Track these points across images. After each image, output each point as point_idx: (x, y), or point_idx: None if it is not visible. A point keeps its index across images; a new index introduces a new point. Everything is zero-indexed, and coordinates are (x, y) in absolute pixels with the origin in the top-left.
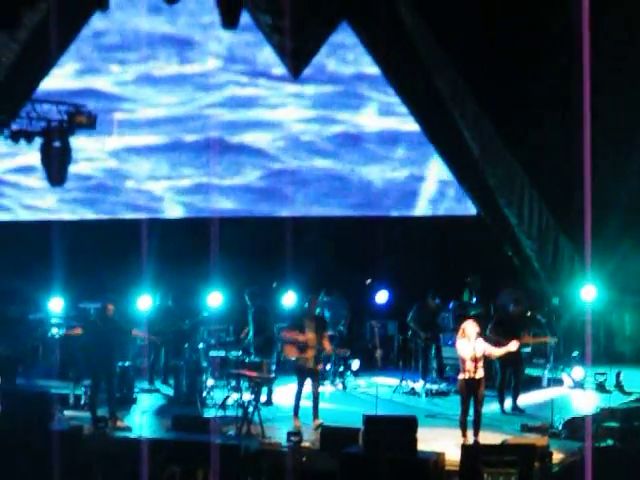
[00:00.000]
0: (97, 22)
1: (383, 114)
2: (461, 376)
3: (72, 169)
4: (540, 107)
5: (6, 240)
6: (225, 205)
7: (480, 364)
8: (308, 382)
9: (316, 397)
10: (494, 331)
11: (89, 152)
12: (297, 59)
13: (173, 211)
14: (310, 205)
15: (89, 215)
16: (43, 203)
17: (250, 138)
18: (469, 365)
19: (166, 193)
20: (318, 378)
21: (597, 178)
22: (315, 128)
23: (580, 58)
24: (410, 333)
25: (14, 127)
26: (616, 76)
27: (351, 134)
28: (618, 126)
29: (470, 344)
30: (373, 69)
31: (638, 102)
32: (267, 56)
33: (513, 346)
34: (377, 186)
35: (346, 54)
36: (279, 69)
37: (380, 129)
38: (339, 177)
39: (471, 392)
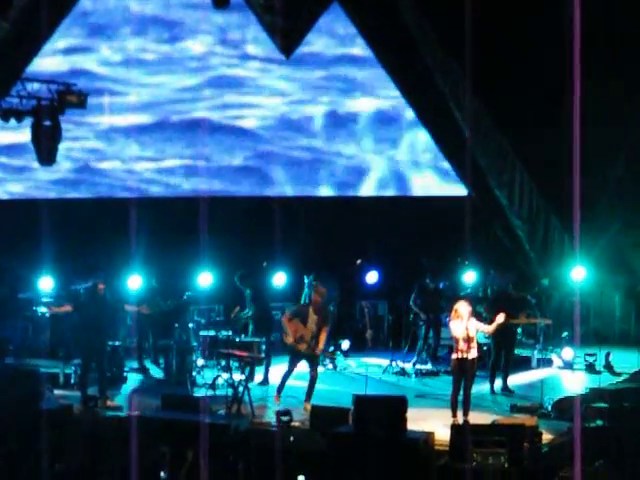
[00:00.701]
0: (86, 1)
1: (370, 96)
2: (454, 356)
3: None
4: (531, 88)
5: None
6: (214, 185)
7: (473, 344)
8: (301, 364)
9: (313, 380)
10: (489, 310)
11: (76, 132)
12: (288, 39)
13: (161, 191)
14: (299, 185)
15: (77, 195)
16: (31, 182)
17: (237, 119)
18: (462, 345)
19: (154, 174)
20: (316, 362)
21: (587, 160)
22: (302, 109)
23: (570, 40)
24: (412, 316)
25: (4, 106)
26: (606, 58)
27: (338, 115)
28: (608, 108)
29: (463, 324)
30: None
31: (629, 84)
32: (256, 37)
33: (500, 318)
34: (364, 167)
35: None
36: (268, 50)
37: (367, 110)
38: (327, 158)
39: (463, 372)
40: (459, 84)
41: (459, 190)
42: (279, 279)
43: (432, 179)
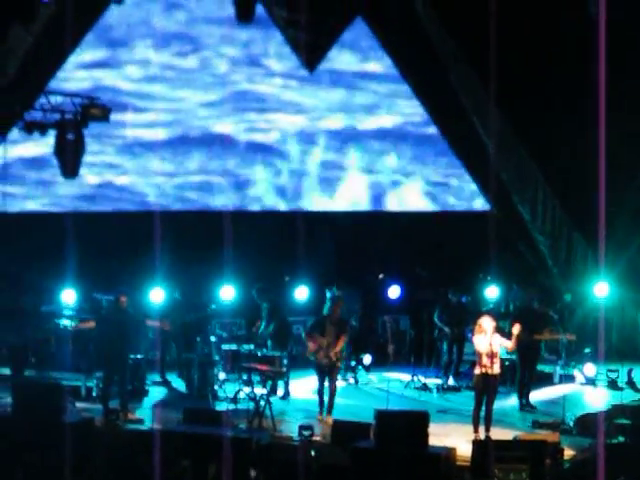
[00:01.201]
0: (110, 16)
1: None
2: (477, 371)
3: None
4: (555, 104)
5: (19, 231)
6: (235, 200)
7: (496, 359)
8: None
9: (332, 393)
10: (513, 326)
11: (98, 146)
12: (312, 53)
13: (183, 205)
14: (321, 199)
15: (99, 208)
16: (55, 195)
17: (258, 134)
18: (485, 360)
19: (175, 188)
20: (335, 374)
21: (611, 176)
22: (328, 125)
23: (596, 55)
24: (437, 331)
25: (28, 119)
26: (631, 74)
27: (360, 130)
28: (633, 125)
29: (486, 339)
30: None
31: None
32: (279, 52)
33: (516, 329)
34: (385, 182)
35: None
36: (291, 66)
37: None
38: (345, 175)
39: (486, 387)
40: (482, 100)
41: (482, 205)
42: (301, 293)
43: (454, 195)
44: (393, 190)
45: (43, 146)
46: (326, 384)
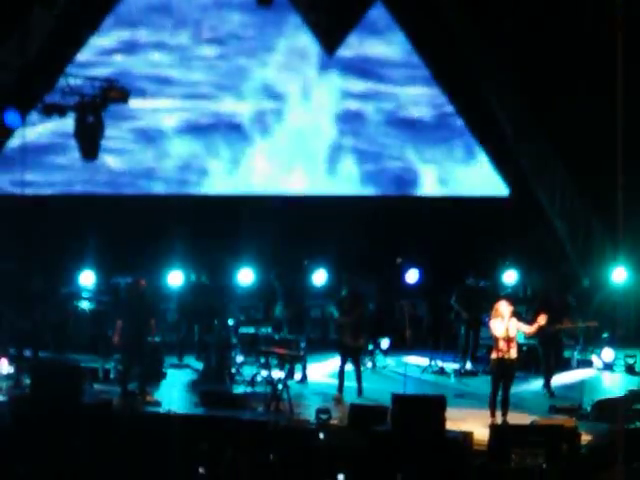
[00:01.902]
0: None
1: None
2: (494, 355)
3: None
4: (574, 89)
5: (37, 214)
6: (252, 186)
7: (513, 344)
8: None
9: (358, 376)
10: (531, 313)
11: (117, 129)
12: (332, 37)
13: (200, 190)
14: (340, 185)
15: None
16: (74, 178)
17: (275, 119)
18: (502, 345)
19: (191, 173)
20: (359, 356)
21: (630, 160)
22: (348, 105)
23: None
24: (453, 315)
25: (47, 101)
26: None
27: (383, 117)
28: None
29: (503, 324)
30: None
31: None
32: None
33: (542, 319)
34: (411, 168)
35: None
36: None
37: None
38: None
39: (502, 372)
40: (502, 84)
41: (501, 191)
42: (319, 277)
43: (474, 179)
44: (412, 175)
45: (62, 128)
46: (347, 367)
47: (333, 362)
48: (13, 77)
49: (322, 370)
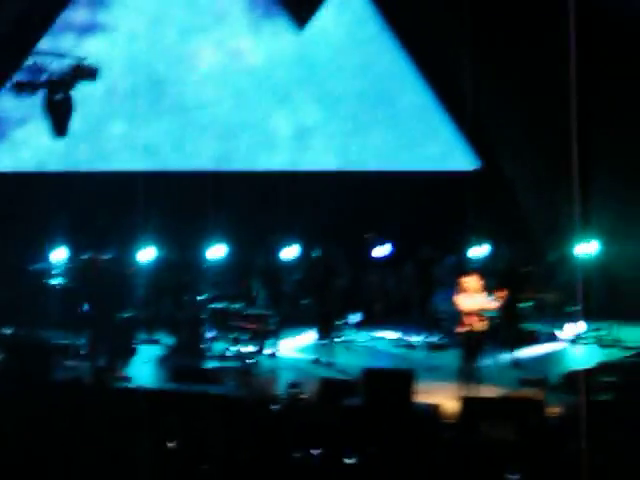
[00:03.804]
0: None
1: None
2: (462, 329)
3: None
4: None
5: (11, 190)
6: (223, 163)
7: (481, 318)
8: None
9: None
10: (497, 285)
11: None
12: (302, 10)
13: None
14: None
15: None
16: (44, 154)
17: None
18: (470, 318)
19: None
20: None
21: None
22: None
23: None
24: (407, 287)
25: (18, 79)
26: None
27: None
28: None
29: (471, 298)
30: None
31: None
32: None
33: (503, 294)
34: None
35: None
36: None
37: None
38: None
39: (471, 345)
40: (469, 53)
41: (467, 165)
42: (289, 252)
43: (441, 153)
44: (374, 149)
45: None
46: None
47: (305, 337)
48: None
49: (293, 345)
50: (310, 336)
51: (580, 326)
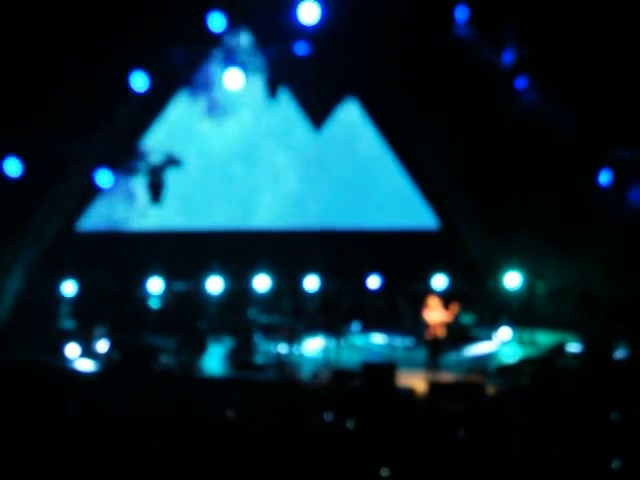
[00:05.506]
0: None
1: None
2: (429, 336)
3: None
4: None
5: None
6: None
7: (442, 327)
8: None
9: None
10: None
11: None
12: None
13: None
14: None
15: None
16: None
17: None
18: (434, 328)
19: None
20: None
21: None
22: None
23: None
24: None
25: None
26: None
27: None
28: None
29: (434, 313)
30: None
31: None
32: None
33: (454, 308)
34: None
35: None
36: None
37: None
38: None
39: (435, 347)
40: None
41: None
42: (311, 283)
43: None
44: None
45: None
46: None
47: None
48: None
49: (313, 346)
50: (323, 341)
51: (508, 331)
